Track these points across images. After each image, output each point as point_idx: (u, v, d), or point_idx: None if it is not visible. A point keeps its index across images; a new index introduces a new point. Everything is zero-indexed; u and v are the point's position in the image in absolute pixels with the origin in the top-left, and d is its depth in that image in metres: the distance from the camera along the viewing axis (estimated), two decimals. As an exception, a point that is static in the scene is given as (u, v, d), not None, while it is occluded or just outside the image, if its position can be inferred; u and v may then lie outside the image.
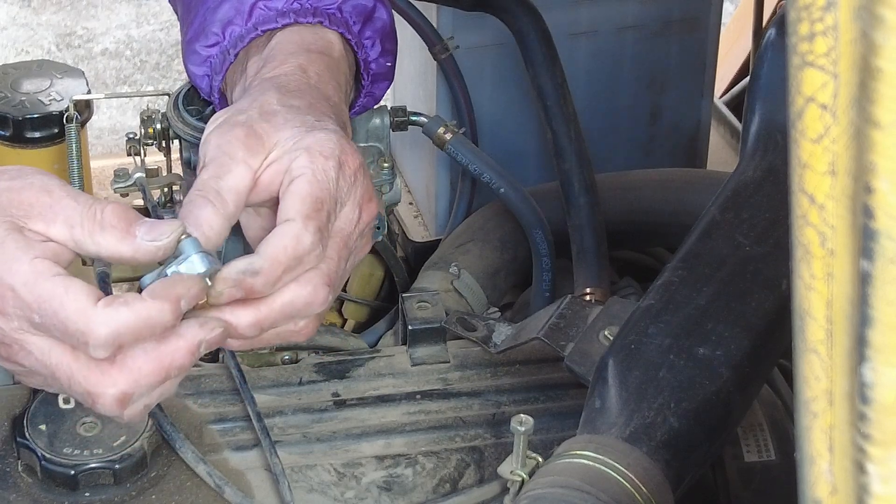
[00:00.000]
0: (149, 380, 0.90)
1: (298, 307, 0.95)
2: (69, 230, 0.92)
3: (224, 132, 0.98)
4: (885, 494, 0.50)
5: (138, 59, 3.55)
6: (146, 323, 0.89)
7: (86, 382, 0.90)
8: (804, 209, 0.51)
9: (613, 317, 1.07)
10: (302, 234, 0.94)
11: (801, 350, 0.53)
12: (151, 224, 0.92)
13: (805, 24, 0.49)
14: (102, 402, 0.90)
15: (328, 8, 1.13)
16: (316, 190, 0.96)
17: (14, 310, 0.90)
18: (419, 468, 1.09)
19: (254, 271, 0.92)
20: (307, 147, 0.97)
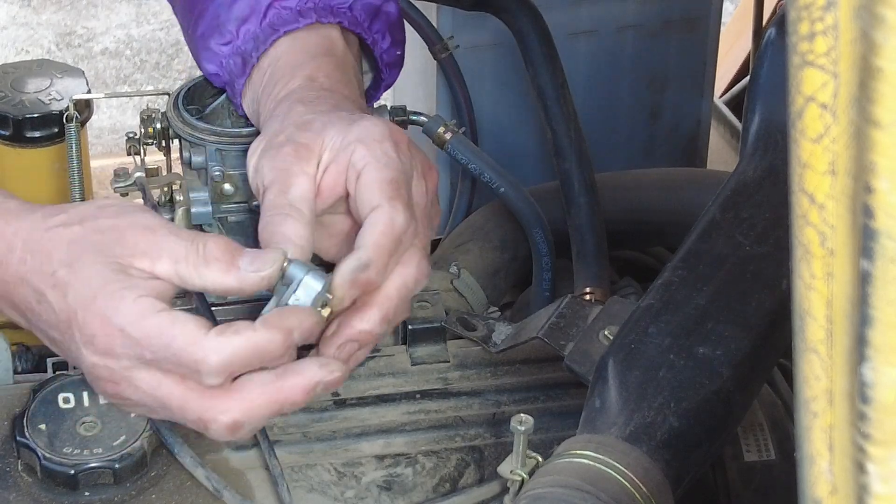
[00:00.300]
0: (261, 412, 0.93)
1: (411, 287, 0.98)
2: (174, 266, 0.94)
3: (272, 156, 1.01)
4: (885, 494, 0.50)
5: (138, 58, 3.55)
6: (256, 351, 0.91)
7: (199, 409, 0.92)
8: (804, 209, 0.51)
9: (613, 316, 1.07)
10: (394, 215, 0.96)
11: (802, 350, 0.53)
12: (254, 255, 0.95)
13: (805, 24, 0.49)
14: (215, 427, 0.93)
15: (341, 6, 1.14)
16: (386, 173, 0.98)
17: (123, 350, 0.92)
18: (419, 468, 1.09)
19: (364, 265, 0.95)
20: (359, 138, 0.99)
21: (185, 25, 1.22)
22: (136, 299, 0.92)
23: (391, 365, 1.18)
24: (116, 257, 0.93)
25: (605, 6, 1.62)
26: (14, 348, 1.24)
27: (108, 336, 0.91)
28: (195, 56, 1.19)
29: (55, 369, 1.20)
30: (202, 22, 1.17)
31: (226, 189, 1.19)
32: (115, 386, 0.93)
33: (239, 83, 1.15)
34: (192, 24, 1.18)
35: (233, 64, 1.15)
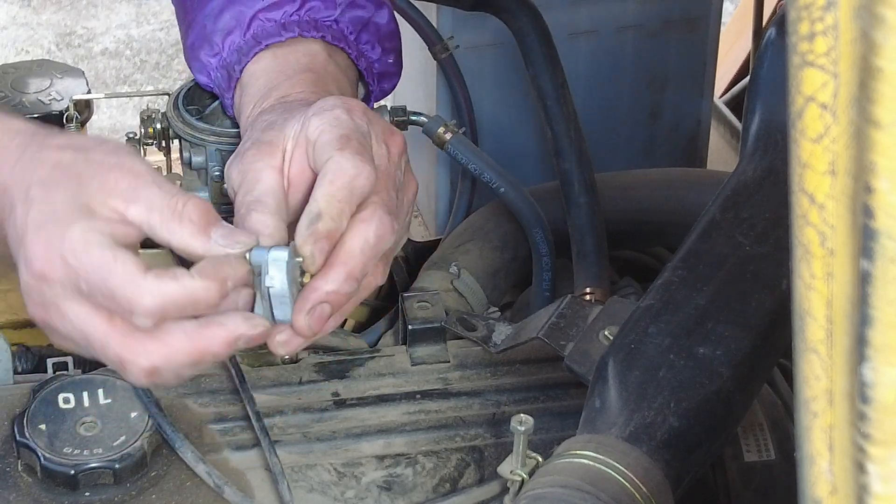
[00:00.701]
0: (181, 359, 0.92)
1: (372, 242, 0.97)
2: (147, 213, 0.94)
3: (238, 162, 1.01)
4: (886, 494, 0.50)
5: (138, 58, 3.55)
6: (191, 299, 0.91)
7: (120, 349, 0.92)
8: (804, 209, 0.51)
9: (613, 316, 1.07)
10: (342, 163, 0.96)
11: (802, 350, 0.53)
12: (229, 230, 0.95)
13: (805, 24, 0.49)
14: (133, 370, 0.92)
15: (326, 20, 1.14)
16: (336, 132, 0.98)
17: (59, 275, 0.92)
18: (419, 468, 1.09)
19: (316, 216, 0.94)
20: (312, 113, 1.00)
21: (180, 25, 1.22)
22: (84, 231, 0.92)
23: (391, 365, 1.18)
24: (91, 193, 0.93)
25: (605, 6, 1.61)
26: (14, 348, 1.24)
27: (48, 261, 0.91)
28: (189, 65, 1.20)
29: (55, 369, 1.20)
30: (192, 32, 1.17)
31: (226, 189, 1.19)
32: (44, 311, 0.93)
33: (227, 97, 1.16)
34: (185, 33, 1.19)
35: (220, 77, 1.16)
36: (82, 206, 0.93)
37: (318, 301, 0.94)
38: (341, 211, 0.95)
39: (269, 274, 0.93)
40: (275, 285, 0.93)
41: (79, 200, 0.93)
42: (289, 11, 1.14)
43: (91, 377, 1.10)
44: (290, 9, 1.14)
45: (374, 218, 0.97)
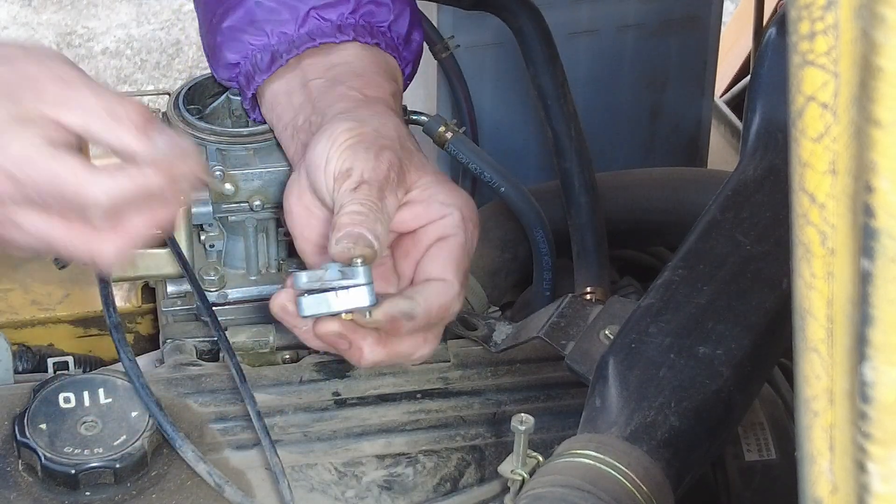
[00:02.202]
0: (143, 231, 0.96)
1: (412, 360, 1.06)
2: (84, 118, 0.95)
3: (378, 153, 1.02)
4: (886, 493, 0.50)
5: (139, 58, 3.55)
6: (143, 192, 0.93)
7: (85, 246, 0.95)
8: (805, 208, 0.51)
9: (614, 316, 1.07)
10: (455, 300, 1.03)
11: (802, 349, 0.53)
12: (169, 135, 0.97)
13: (806, 23, 0.49)
14: (104, 259, 0.96)
15: (380, 26, 1.14)
16: (466, 259, 1.04)
17: (7, 189, 0.93)
18: (420, 467, 1.09)
19: (411, 316, 1.00)
20: (460, 208, 1.04)
21: (207, 12, 1.21)
22: (25, 143, 0.92)
23: (392, 364, 1.18)
24: (24, 103, 0.94)
25: (605, 5, 1.62)
26: (15, 348, 1.24)
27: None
28: (214, 44, 1.19)
29: (56, 369, 1.20)
30: (232, 14, 1.17)
31: (226, 189, 1.19)
32: (1, 228, 0.94)
33: (261, 77, 1.15)
34: (220, 14, 1.18)
35: (259, 59, 1.15)
36: (16, 118, 0.93)
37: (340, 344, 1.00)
38: (418, 328, 1.01)
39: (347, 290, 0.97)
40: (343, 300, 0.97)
41: (11, 112, 0.93)
42: (344, 13, 1.14)
43: (92, 377, 1.10)
44: (344, 10, 1.14)
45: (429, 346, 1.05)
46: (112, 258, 0.96)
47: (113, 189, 0.92)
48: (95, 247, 0.95)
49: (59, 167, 0.92)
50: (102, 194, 0.92)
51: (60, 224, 0.94)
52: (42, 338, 1.35)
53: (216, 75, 1.21)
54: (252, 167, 1.19)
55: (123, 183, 0.93)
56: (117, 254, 0.96)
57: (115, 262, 0.97)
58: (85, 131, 0.94)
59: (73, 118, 0.94)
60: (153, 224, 0.96)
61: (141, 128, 0.95)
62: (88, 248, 0.95)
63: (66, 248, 0.95)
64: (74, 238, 0.94)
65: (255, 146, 1.19)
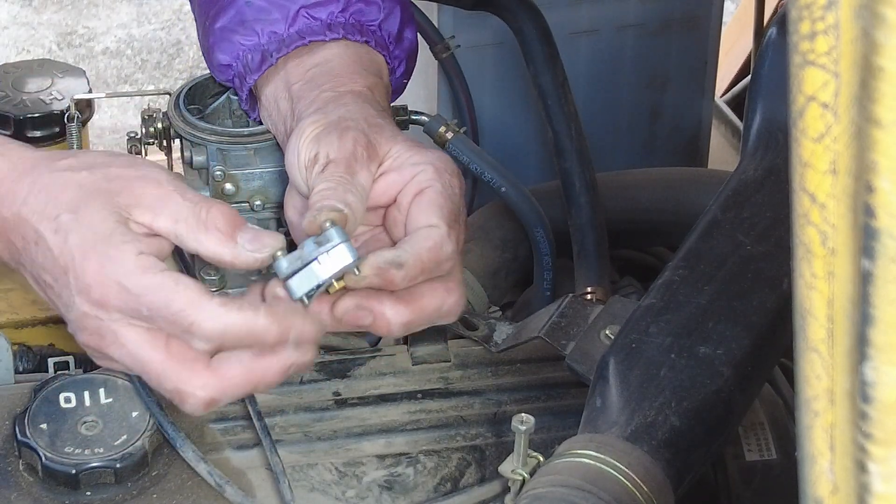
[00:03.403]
0: (236, 390, 0.94)
1: (443, 313, 1.00)
2: (173, 224, 0.94)
3: (341, 134, 1.01)
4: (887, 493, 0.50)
5: (139, 58, 3.55)
6: (250, 333, 0.91)
7: (177, 380, 0.92)
8: (805, 208, 0.51)
9: (614, 316, 1.07)
10: (445, 240, 0.98)
11: (803, 349, 0.53)
12: (255, 233, 0.96)
13: (806, 23, 0.49)
14: (191, 402, 0.93)
15: (370, 24, 1.14)
16: (449, 203, 1.00)
17: (118, 302, 0.92)
18: (420, 467, 1.09)
19: (399, 264, 0.96)
20: (431, 162, 1.01)
21: (201, 14, 1.21)
22: (137, 255, 0.92)
23: (392, 364, 1.18)
24: (120, 207, 0.94)
25: (605, 5, 1.62)
26: (15, 348, 1.24)
27: (103, 286, 0.91)
28: (207, 45, 1.19)
29: (56, 369, 1.20)
30: (224, 15, 1.17)
31: (227, 189, 1.19)
32: (100, 340, 0.93)
33: (252, 77, 1.15)
34: (212, 15, 1.18)
35: (250, 59, 1.15)
36: (120, 225, 0.93)
37: (369, 308, 0.96)
38: (416, 278, 0.97)
39: (329, 255, 0.94)
40: (326, 265, 0.94)
41: (115, 220, 0.93)
42: (334, 11, 1.14)
43: (92, 376, 1.10)
44: (334, 9, 1.14)
45: (455, 294, 1.00)
46: (199, 403, 0.93)
47: (222, 317, 0.90)
48: (188, 387, 0.92)
49: (174, 285, 0.91)
50: (210, 320, 0.90)
51: (160, 347, 0.92)
52: (43, 338, 1.35)
53: (214, 76, 1.21)
54: (252, 167, 1.19)
55: (233, 315, 0.91)
56: (207, 400, 0.93)
57: (201, 409, 0.93)
58: (175, 236, 0.94)
59: (164, 223, 0.94)
60: (252, 381, 0.93)
61: (228, 234, 0.94)
62: (178, 384, 0.92)
63: (159, 377, 0.93)
64: (169, 368, 0.92)
65: (255, 146, 1.19)
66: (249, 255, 0.94)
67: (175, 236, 0.94)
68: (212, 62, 1.19)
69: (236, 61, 1.16)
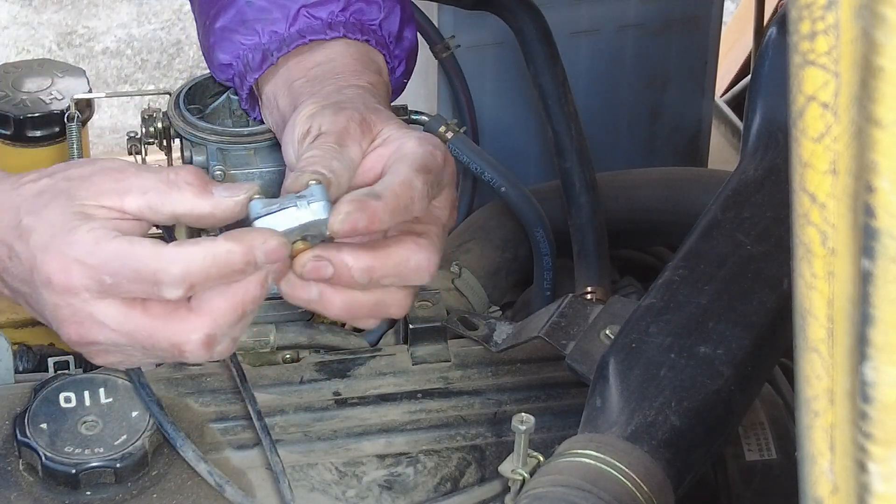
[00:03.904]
0: (227, 318, 0.92)
1: (410, 268, 0.97)
2: (143, 196, 0.94)
3: (336, 112, 1.01)
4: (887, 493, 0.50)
5: (139, 57, 3.55)
6: (215, 262, 0.90)
7: (168, 334, 0.91)
8: (805, 208, 0.51)
9: (614, 316, 1.07)
10: (413, 179, 0.96)
11: (803, 349, 0.53)
12: (229, 184, 0.95)
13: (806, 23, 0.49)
14: (190, 348, 0.92)
15: (371, 24, 1.15)
16: (425, 158, 0.98)
17: (81, 280, 0.91)
18: (420, 467, 1.09)
19: (376, 195, 0.94)
20: (416, 137, 1.01)
21: (201, 14, 1.22)
22: (89, 230, 0.91)
23: (392, 364, 1.18)
24: (82, 200, 0.93)
25: (606, 5, 1.62)
26: (15, 348, 1.24)
27: (65, 271, 0.91)
28: (207, 45, 1.19)
29: (56, 369, 1.20)
30: (224, 15, 1.17)
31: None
32: (80, 327, 0.92)
33: (252, 76, 1.16)
34: (212, 15, 1.18)
35: (251, 58, 1.15)
36: (77, 214, 0.93)
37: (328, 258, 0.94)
38: (395, 212, 0.94)
39: (305, 210, 0.92)
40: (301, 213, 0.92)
41: (72, 210, 0.93)
42: (334, 11, 1.14)
43: (92, 376, 1.10)
44: (335, 8, 1.14)
45: (425, 251, 0.97)
46: (198, 346, 0.91)
47: (183, 256, 0.89)
48: (180, 336, 0.91)
49: (127, 246, 0.90)
50: (171, 262, 0.89)
51: (138, 311, 0.91)
52: (43, 338, 1.35)
53: (214, 76, 1.22)
54: (252, 167, 1.19)
55: (193, 252, 0.90)
56: (204, 341, 0.91)
57: (203, 352, 0.92)
58: (149, 209, 0.93)
59: (134, 200, 0.93)
60: (237, 304, 0.91)
61: (200, 186, 0.93)
62: (172, 338, 0.91)
63: (151, 339, 0.91)
64: (155, 328, 0.91)
65: (255, 146, 1.19)
66: (228, 199, 0.93)
67: (149, 208, 0.93)
68: (212, 61, 1.19)
69: (237, 60, 1.16)
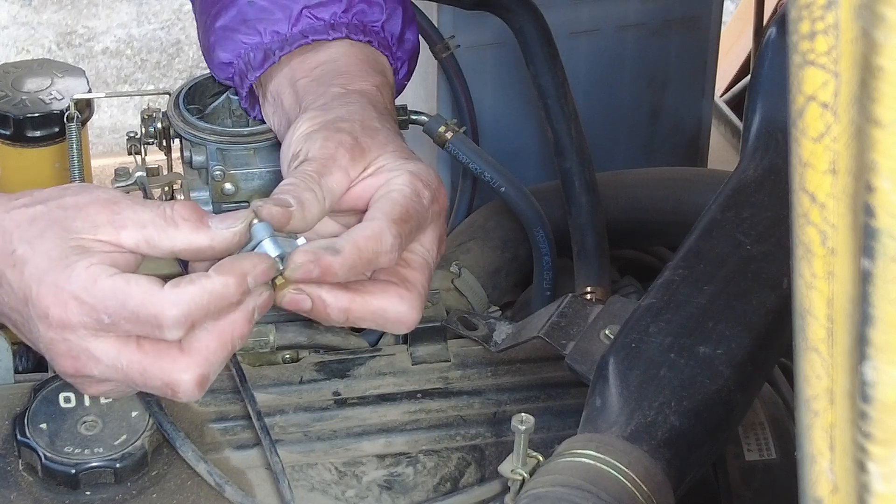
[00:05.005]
0: (217, 356, 0.93)
1: (389, 318, 0.99)
2: (140, 231, 0.94)
3: (330, 135, 1.01)
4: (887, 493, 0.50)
5: (139, 57, 3.55)
6: (213, 297, 0.90)
7: (161, 374, 0.92)
8: (805, 208, 0.51)
9: (614, 315, 1.07)
10: (384, 232, 0.96)
11: (802, 349, 0.53)
12: (222, 215, 0.95)
13: (806, 23, 0.49)
14: (183, 389, 0.92)
15: (373, 25, 1.15)
16: (407, 203, 0.99)
17: (79, 317, 0.91)
18: (420, 467, 1.09)
19: (335, 250, 0.94)
20: (410, 170, 1.00)
21: (202, 13, 1.22)
22: (87, 266, 0.91)
23: (392, 364, 1.18)
24: (77, 232, 0.93)
25: (605, 5, 1.62)
26: (15, 348, 1.24)
27: (62, 306, 0.91)
28: (208, 44, 1.19)
29: (56, 369, 1.20)
30: (225, 14, 1.17)
31: (226, 188, 1.19)
32: (75, 361, 0.92)
33: (253, 75, 1.16)
34: (213, 14, 1.19)
35: (252, 57, 1.15)
36: (75, 248, 0.92)
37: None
38: (355, 265, 0.95)
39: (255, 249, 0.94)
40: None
41: (69, 244, 0.92)
42: (337, 12, 1.14)
43: (92, 376, 1.10)
44: (337, 9, 1.14)
45: (407, 304, 0.98)
46: (192, 387, 0.92)
47: (181, 297, 0.90)
48: (173, 375, 0.91)
49: (126, 285, 0.90)
50: (171, 305, 0.89)
51: (132, 349, 0.91)
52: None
53: (214, 75, 1.22)
54: (252, 167, 1.19)
55: (191, 291, 0.90)
56: (197, 381, 0.92)
57: (196, 392, 0.92)
58: (146, 244, 0.93)
59: (131, 235, 0.93)
60: (226, 342, 0.92)
61: (197, 222, 0.94)
62: (164, 377, 0.91)
63: (143, 376, 0.92)
64: (149, 365, 0.91)
65: (255, 146, 1.19)
66: (225, 231, 0.93)
67: (146, 243, 0.93)
68: (212, 60, 1.19)
69: (237, 59, 1.16)
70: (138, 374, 0.92)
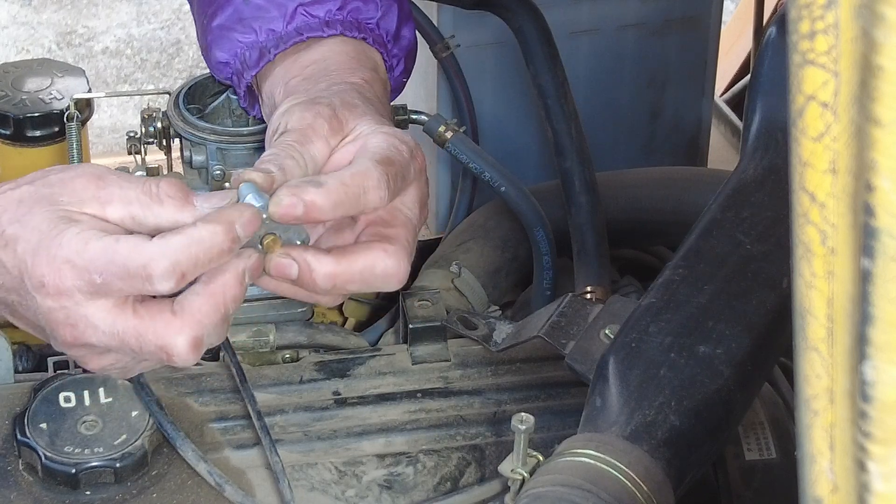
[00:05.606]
0: (210, 318, 0.92)
1: (377, 274, 0.97)
2: (126, 208, 0.94)
3: (308, 107, 1.01)
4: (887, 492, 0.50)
5: (139, 57, 3.55)
6: (201, 246, 0.90)
7: (156, 337, 0.91)
8: (805, 207, 0.51)
9: (614, 315, 1.07)
10: (370, 168, 0.96)
11: (802, 348, 0.53)
12: (208, 194, 0.95)
13: (806, 23, 0.49)
14: (178, 351, 0.92)
15: (368, 22, 1.15)
16: (388, 151, 0.98)
17: (73, 280, 0.91)
18: (420, 466, 1.09)
19: (318, 182, 0.94)
20: (383, 131, 1.00)
21: (200, 13, 1.22)
22: (78, 232, 0.91)
23: (392, 364, 1.18)
24: (64, 205, 0.93)
25: (606, 5, 1.62)
26: (15, 347, 1.24)
27: (56, 273, 0.91)
28: (206, 43, 1.19)
29: (56, 368, 1.20)
30: (222, 13, 1.17)
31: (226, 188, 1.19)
32: (73, 329, 0.92)
33: (249, 74, 1.16)
34: (210, 14, 1.19)
35: (248, 56, 1.15)
36: (63, 218, 0.93)
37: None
38: (341, 204, 0.94)
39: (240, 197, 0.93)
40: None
41: (58, 215, 0.93)
42: (332, 9, 1.14)
43: (92, 376, 1.10)
44: (332, 6, 1.14)
45: (394, 257, 0.97)
46: (186, 349, 0.91)
47: (168, 246, 0.90)
48: (167, 338, 0.91)
49: (115, 243, 0.90)
50: (160, 255, 0.89)
51: (129, 316, 0.91)
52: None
53: (213, 74, 1.22)
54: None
55: (178, 241, 0.90)
56: (192, 343, 0.91)
57: (191, 355, 0.92)
58: (131, 220, 0.93)
59: (116, 210, 0.93)
60: (218, 304, 0.92)
61: (182, 198, 0.94)
62: (158, 340, 0.91)
63: (137, 341, 0.91)
64: (144, 329, 0.91)
65: (255, 145, 1.19)
66: (210, 210, 0.94)
67: (131, 219, 0.94)
68: (210, 60, 1.19)
69: (234, 58, 1.17)
70: (134, 339, 0.92)
